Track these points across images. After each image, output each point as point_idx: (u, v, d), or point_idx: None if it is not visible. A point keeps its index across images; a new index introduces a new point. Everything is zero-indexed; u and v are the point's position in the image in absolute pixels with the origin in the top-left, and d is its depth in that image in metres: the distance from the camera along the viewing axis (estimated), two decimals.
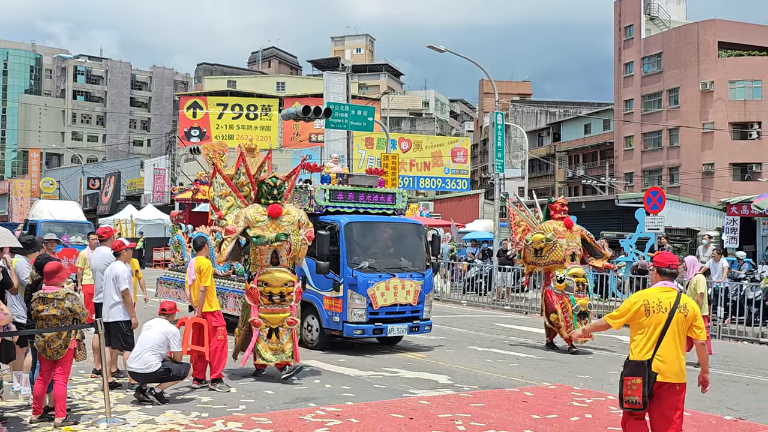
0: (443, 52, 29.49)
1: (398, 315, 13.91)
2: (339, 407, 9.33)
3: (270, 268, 10.96)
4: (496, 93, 30.58)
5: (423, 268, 14.47)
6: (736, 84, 51.63)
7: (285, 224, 10.99)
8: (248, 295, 10.99)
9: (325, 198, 13.96)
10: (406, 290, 13.88)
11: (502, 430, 8.50)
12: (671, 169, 54.53)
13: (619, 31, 60.27)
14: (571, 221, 15.51)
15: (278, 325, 10.90)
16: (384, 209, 14.74)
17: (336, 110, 27.33)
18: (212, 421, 8.47)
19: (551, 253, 14.97)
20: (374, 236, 14.49)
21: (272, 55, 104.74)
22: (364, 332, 13.59)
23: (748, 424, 9.42)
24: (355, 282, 13.39)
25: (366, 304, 13.45)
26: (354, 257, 13.56)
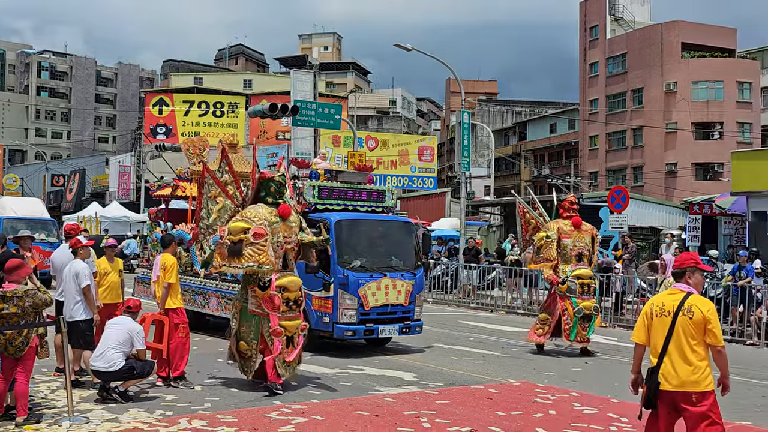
0: (410, 50, 29.54)
1: (389, 316, 13.58)
2: (304, 405, 9.33)
3: (285, 272, 10.35)
4: (463, 92, 30.71)
5: (414, 268, 14.16)
6: (698, 85, 52.29)
7: (292, 225, 10.47)
8: (267, 302, 10.04)
9: (314, 195, 13.58)
10: (397, 290, 13.57)
11: (467, 426, 8.55)
12: (635, 169, 55.13)
13: (584, 32, 60.79)
14: (580, 220, 14.92)
15: (294, 332, 10.26)
16: (373, 207, 14.41)
17: (303, 108, 27.27)
18: (177, 420, 8.43)
19: (546, 251, 14.56)
20: (365, 234, 14.15)
21: (239, 53, 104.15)
22: (354, 333, 13.22)
23: None
24: (346, 281, 13.03)
25: (357, 304, 13.10)
26: (345, 256, 13.21)
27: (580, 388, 11.14)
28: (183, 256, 15.32)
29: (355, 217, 13.85)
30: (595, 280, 15.17)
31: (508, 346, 15.51)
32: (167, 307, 10.54)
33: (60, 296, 10.54)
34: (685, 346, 6.04)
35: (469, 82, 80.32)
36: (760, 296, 17.76)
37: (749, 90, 52.53)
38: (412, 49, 29.46)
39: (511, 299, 23.44)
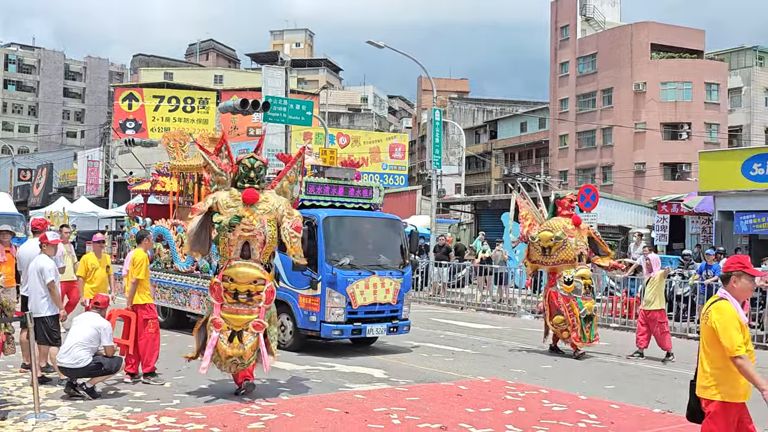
0: (382, 48, 29.53)
1: (377, 315, 13.33)
2: (274, 401, 9.30)
3: (238, 261, 9.53)
4: (435, 90, 30.75)
5: (402, 266, 13.92)
6: (667, 85, 52.82)
7: (260, 213, 9.53)
8: (211, 290, 9.67)
9: (300, 190, 13.13)
10: (385, 288, 13.30)
11: (437, 423, 8.57)
12: (604, 168, 55.57)
13: (555, 31, 61.15)
14: (579, 219, 14.66)
15: (242, 328, 9.43)
16: (360, 203, 14.16)
17: (274, 104, 27.15)
18: (145, 416, 8.35)
19: (561, 252, 14.06)
20: (353, 232, 13.90)
21: (210, 48, 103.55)
22: (342, 333, 12.96)
23: (676, 416, 9.64)
24: (334, 280, 12.74)
25: (345, 303, 12.82)
26: (333, 253, 12.95)
27: (549, 385, 11.21)
28: (162, 253, 15.14)
29: (342, 214, 13.62)
30: (593, 280, 14.86)
31: (479, 344, 15.56)
32: (135, 303, 10.43)
33: (26, 291, 10.41)
34: (702, 352, 5.95)
35: (440, 80, 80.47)
36: None
37: (717, 91, 53.15)
38: (384, 46, 29.46)
39: (481, 297, 23.52)
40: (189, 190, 15.60)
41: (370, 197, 14.34)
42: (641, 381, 12.19)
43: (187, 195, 15.77)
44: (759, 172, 23.00)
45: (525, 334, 17.55)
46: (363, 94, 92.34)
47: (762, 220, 23.19)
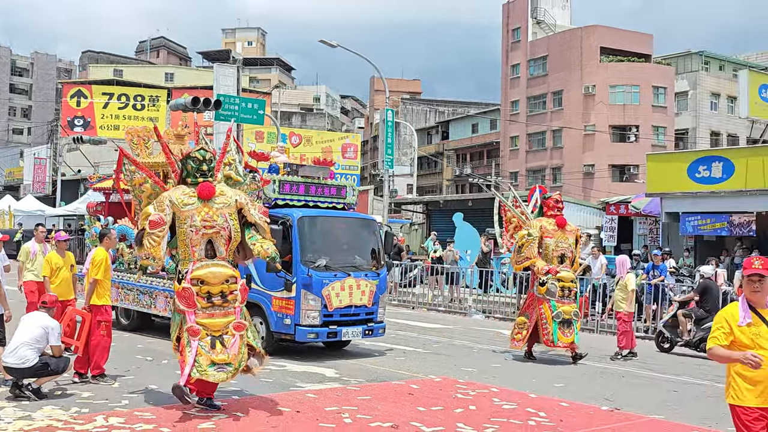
0: (335, 47, 29.52)
1: (353, 317, 13.02)
2: (225, 401, 9.23)
3: (205, 262, 8.81)
4: (387, 90, 30.82)
5: (378, 267, 13.64)
6: (616, 88, 53.56)
7: (219, 206, 8.91)
8: (181, 297, 8.68)
9: (274, 189, 12.95)
10: (361, 290, 13.02)
11: (389, 422, 8.59)
12: (554, 169, 56.18)
13: (506, 33, 61.64)
14: (564, 220, 14.12)
15: (222, 332, 8.68)
16: (334, 203, 13.85)
17: (226, 102, 27.02)
18: (93, 417, 8.24)
19: (527, 250, 13.74)
20: (328, 232, 13.62)
21: (161, 45, 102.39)
22: (317, 336, 12.60)
23: (624, 413, 9.82)
24: (309, 282, 12.41)
25: (321, 305, 12.49)
26: (308, 254, 12.60)
27: (499, 384, 11.31)
28: (126, 253, 14.70)
29: (317, 214, 13.31)
30: (577, 283, 14.38)
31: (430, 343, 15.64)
32: (92, 304, 10.25)
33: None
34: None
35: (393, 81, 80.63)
36: (673, 294, 18.31)
37: (664, 95, 54.06)
38: (337, 45, 29.45)
39: (432, 296, 23.63)
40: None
41: (344, 197, 14.03)
42: (590, 379, 12.36)
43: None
44: (704, 175, 23.48)
45: (475, 333, 17.69)
46: (315, 94, 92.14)
47: (707, 222, 23.68)
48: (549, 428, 8.76)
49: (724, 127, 55.54)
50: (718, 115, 56.14)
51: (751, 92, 25.46)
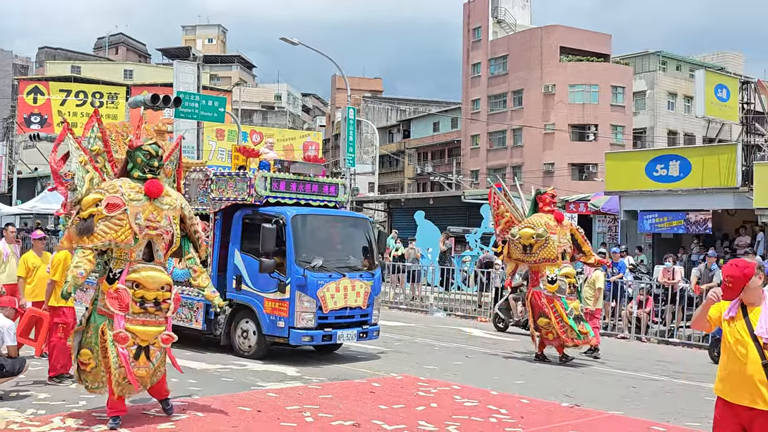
0: (296, 45, 29.43)
1: (348, 319, 12.59)
2: (185, 401, 9.14)
3: (142, 264, 8.07)
4: (348, 88, 30.79)
5: (372, 267, 13.25)
6: (575, 88, 54.09)
7: (165, 208, 8.23)
8: (112, 299, 7.89)
9: (265, 187, 12.50)
10: (356, 292, 12.58)
11: (350, 420, 8.58)
12: (515, 168, 56.55)
13: (467, 33, 61.92)
14: (562, 215, 13.94)
15: (149, 342, 7.98)
16: (326, 201, 13.44)
17: (186, 100, 26.80)
18: (49, 419, 8.10)
19: (543, 250, 13.29)
20: (323, 231, 13.27)
21: (120, 42, 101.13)
22: (312, 339, 12.20)
23: (583, 410, 9.91)
24: (304, 282, 11.95)
25: (315, 307, 12.03)
26: (303, 254, 12.14)
27: (461, 381, 11.35)
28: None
29: (311, 212, 12.93)
30: (577, 279, 14.10)
31: (391, 341, 15.64)
32: (51, 305, 10.06)
33: None
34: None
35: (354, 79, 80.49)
36: (631, 291, 18.54)
37: (622, 94, 54.70)
38: (298, 43, 29.35)
39: (393, 294, 23.65)
40: None
41: (336, 195, 13.66)
42: (550, 376, 12.45)
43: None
44: (662, 173, 23.76)
45: (437, 331, 17.74)
46: (277, 92, 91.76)
47: (664, 220, 23.97)
48: (510, 425, 8.81)
49: (681, 126, 56.38)
50: (675, 114, 56.98)
51: (707, 92, 25.75)
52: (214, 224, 12.92)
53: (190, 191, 12.96)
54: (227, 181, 12.81)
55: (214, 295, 8.76)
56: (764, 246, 21.42)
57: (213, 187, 12.92)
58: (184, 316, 13.03)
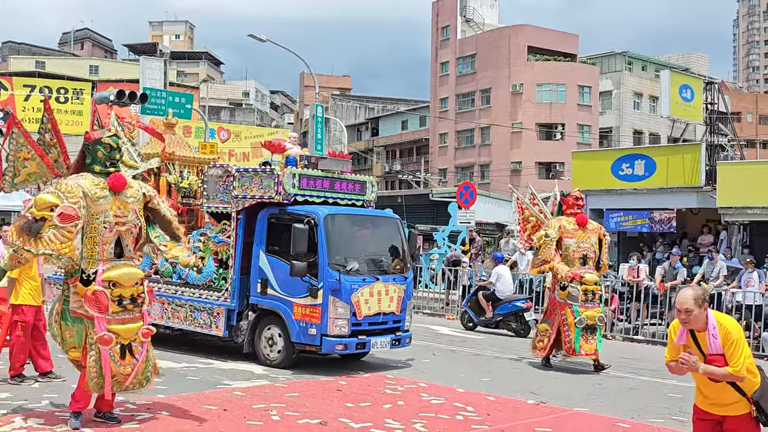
0: (264, 42, 29.31)
1: (381, 326, 11.84)
2: (149, 400, 9.05)
3: (116, 261, 7.94)
4: (317, 86, 30.74)
5: (405, 270, 12.50)
6: (543, 87, 54.44)
7: (130, 201, 8.05)
8: (91, 302, 7.68)
9: (294, 184, 11.73)
10: (389, 296, 11.84)
11: (317, 418, 8.56)
12: (482, 166, 56.81)
13: (436, 31, 62.06)
14: (585, 218, 13.21)
15: (131, 339, 7.89)
16: (353, 200, 12.70)
17: (153, 96, 26.57)
18: (11, 418, 7.98)
19: (543, 252, 12.82)
20: (354, 232, 12.51)
21: (85, 37, 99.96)
22: (346, 347, 11.39)
23: (549, 407, 9.98)
24: (338, 287, 11.21)
25: (349, 313, 11.29)
26: (336, 257, 11.43)
27: (427, 379, 11.37)
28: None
29: (343, 212, 12.22)
30: (601, 286, 13.26)
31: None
32: (12, 303, 9.89)
33: None
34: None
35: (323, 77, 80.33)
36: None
37: (589, 93, 55.15)
38: (266, 40, 29.23)
39: None
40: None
41: (363, 193, 12.90)
42: (516, 374, 12.53)
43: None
44: (627, 172, 23.99)
45: None
46: (245, 89, 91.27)
47: (629, 218, 24.21)
48: (476, 422, 8.85)
49: (647, 125, 56.96)
50: (641, 114, 57.56)
51: (672, 92, 26.05)
52: (236, 224, 12.13)
53: (208, 188, 12.52)
54: (252, 178, 12.01)
55: (189, 259, 8.69)
56: (726, 244, 21.70)
57: (235, 184, 12.12)
58: (203, 321, 12.41)
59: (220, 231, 12.41)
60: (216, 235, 12.42)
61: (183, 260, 8.63)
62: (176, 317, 12.72)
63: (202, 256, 11.99)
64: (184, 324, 12.70)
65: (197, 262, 8.88)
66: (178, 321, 12.74)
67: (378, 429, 8.22)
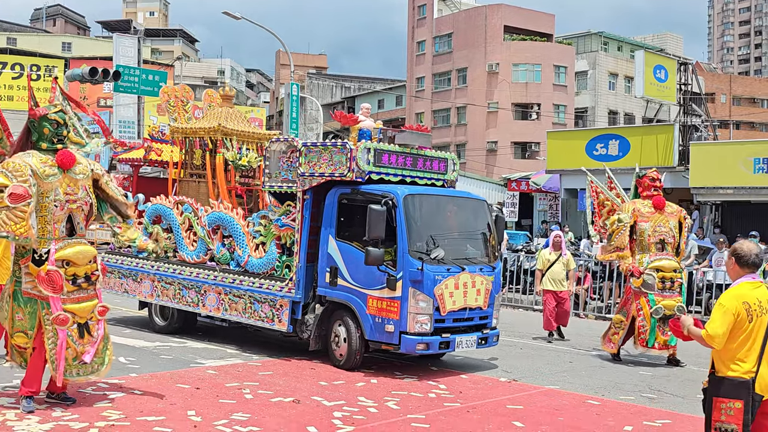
0: (239, 19, 29.05)
1: (466, 322, 10.46)
2: (122, 379, 9.05)
3: (69, 240, 7.79)
4: (292, 64, 30.57)
5: (492, 260, 11.04)
6: (519, 67, 54.43)
7: (80, 178, 7.89)
8: (44, 282, 7.54)
9: (369, 161, 10.36)
10: (476, 289, 10.39)
11: (290, 397, 8.58)
12: (458, 146, 56.77)
13: (412, 10, 61.80)
14: (663, 200, 12.22)
15: (87, 318, 7.82)
16: (434, 179, 11.34)
17: (126, 73, 26.35)
18: None
19: (617, 238, 12.01)
20: (438, 215, 10.99)
21: (58, 13, 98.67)
22: (428, 347, 9.96)
23: (521, 384, 10.08)
24: (420, 278, 9.80)
25: (432, 308, 9.90)
26: (418, 243, 10.03)
27: (401, 359, 11.41)
28: (162, 238, 12.23)
29: (425, 192, 10.82)
30: (681, 273, 12.23)
31: None
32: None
33: None
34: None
35: (299, 55, 79.97)
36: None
37: (565, 74, 55.22)
38: (241, 17, 28.98)
39: None
40: (196, 160, 13.55)
41: (445, 172, 11.51)
42: (489, 352, 12.59)
43: (193, 166, 13.68)
44: (601, 152, 24.13)
45: None
46: (220, 67, 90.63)
47: None
48: (449, 400, 8.91)
49: (622, 106, 57.18)
50: (616, 94, 57.74)
51: (646, 72, 26.21)
52: (302, 205, 10.74)
53: (270, 165, 11.26)
54: (321, 154, 10.63)
55: (146, 243, 8.68)
56: (699, 224, 21.91)
57: (302, 160, 10.77)
58: (264, 314, 11.07)
59: (283, 213, 11.07)
60: (279, 218, 11.09)
61: (140, 244, 8.63)
62: (234, 309, 11.43)
63: (263, 241, 11.23)
64: (243, 317, 11.37)
65: (155, 247, 8.83)
66: (236, 313, 11.43)
67: (351, 407, 8.26)
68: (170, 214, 12.52)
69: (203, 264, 11.92)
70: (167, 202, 12.67)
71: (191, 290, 12.04)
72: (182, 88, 13.98)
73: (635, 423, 8.28)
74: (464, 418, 8.14)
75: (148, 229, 12.49)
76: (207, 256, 11.97)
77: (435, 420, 7.97)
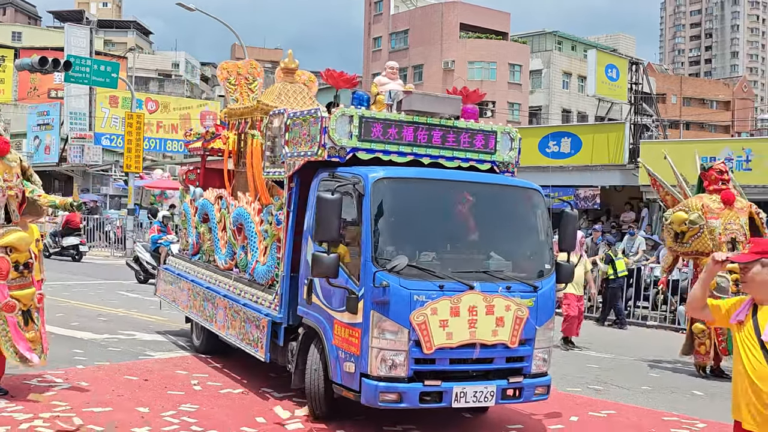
0: (193, 11, 28.81)
1: (476, 365, 7.02)
2: (69, 370, 8.95)
3: (8, 228, 7.66)
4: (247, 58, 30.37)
5: (536, 276, 7.42)
6: (474, 64, 54.80)
7: (14, 165, 7.75)
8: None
9: (350, 133, 7.41)
10: (495, 316, 6.94)
11: (240, 389, 8.57)
12: None
13: (369, 6, 61.83)
14: (732, 195, 11.09)
15: (29, 305, 7.78)
16: (471, 161, 7.92)
17: (77, 64, 25.91)
18: None
19: (696, 241, 10.96)
20: (436, 209, 7.52)
21: (8, 2, 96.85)
22: (401, 398, 6.67)
23: None
24: (384, 298, 6.66)
25: (408, 340, 6.68)
26: (389, 247, 6.88)
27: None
28: (206, 240, 10.58)
29: (418, 175, 7.40)
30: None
31: None
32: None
33: None
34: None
35: (254, 50, 79.48)
36: None
37: (519, 72, 55.75)
38: (195, 9, 28.75)
39: None
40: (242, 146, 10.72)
41: (492, 151, 8.07)
42: None
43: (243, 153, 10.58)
44: (554, 150, 24.41)
45: None
46: (174, 60, 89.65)
47: (555, 195, 24.65)
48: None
49: (575, 105, 57.89)
50: (570, 93, 58.44)
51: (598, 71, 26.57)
52: (288, 196, 8.10)
53: (272, 146, 8.61)
54: (301, 126, 7.85)
55: (65, 200, 8.59)
56: (648, 221, 22.29)
57: (288, 136, 8.05)
58: (252, 337, 8.53)
59: (279, 208, 8.39)
60: (277, 213, 8.46)
61: (60, 201, 8.61)
62: (233, 328, 9.02)
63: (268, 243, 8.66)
64: (237, 339, 8.93)
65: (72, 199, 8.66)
66: (233, 334, 9.04)
67: (300, 398, 8.26)
68: (211, 210, 10.40)
69: (230, 270, 9.70)
70: (210, 196, 10.58)
71: (209, 302, 9.81)
72: (248, 64, 11.88)
73: (581, 413, 8.41)
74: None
75: (198, 228, 10.84)
76: (233, 261, 9.69)
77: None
